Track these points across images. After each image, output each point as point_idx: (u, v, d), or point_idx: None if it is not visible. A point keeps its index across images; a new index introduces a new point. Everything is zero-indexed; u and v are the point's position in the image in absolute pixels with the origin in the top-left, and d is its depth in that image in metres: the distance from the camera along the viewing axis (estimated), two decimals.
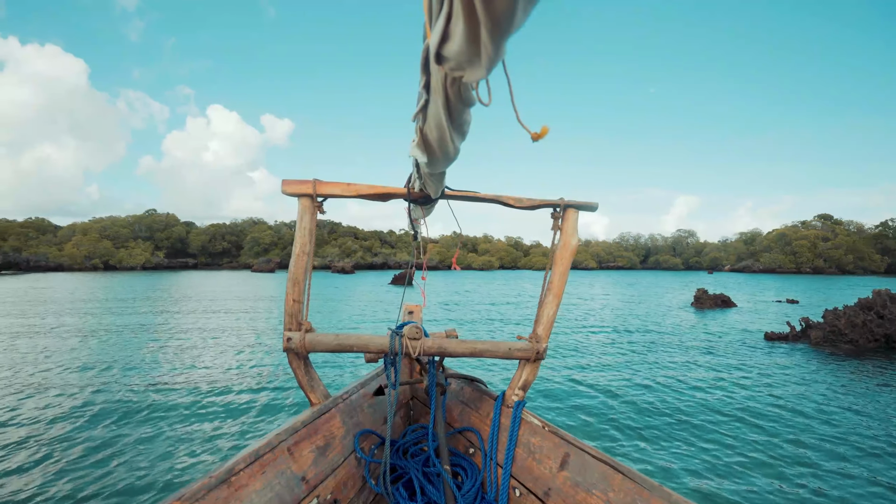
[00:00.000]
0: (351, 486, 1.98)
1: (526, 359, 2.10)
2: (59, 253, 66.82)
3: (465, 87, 0.78)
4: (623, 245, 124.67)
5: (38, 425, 5.17)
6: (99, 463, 4.26)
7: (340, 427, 2.07)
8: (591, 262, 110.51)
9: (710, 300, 20.34)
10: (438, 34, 0.57)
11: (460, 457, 2.20)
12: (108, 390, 6.52)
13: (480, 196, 2.03)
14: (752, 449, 4.78)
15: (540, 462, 1.90)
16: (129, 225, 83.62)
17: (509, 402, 2.15)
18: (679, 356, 9.47)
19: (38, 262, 61.05)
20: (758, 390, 6.94)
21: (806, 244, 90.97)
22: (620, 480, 1.59)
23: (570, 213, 2.07)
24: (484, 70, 0.58)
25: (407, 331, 2.02)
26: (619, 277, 58.61)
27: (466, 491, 1.97)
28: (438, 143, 1.03)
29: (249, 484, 1.49)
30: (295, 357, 2.01)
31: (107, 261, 70.55)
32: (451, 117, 0.88)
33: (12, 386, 6.72)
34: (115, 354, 8.94)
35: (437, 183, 1.63)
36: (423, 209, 2.18)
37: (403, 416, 2.68)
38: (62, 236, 77.70)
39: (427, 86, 0.84)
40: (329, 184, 1.92)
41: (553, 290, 2.08)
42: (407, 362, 2.78)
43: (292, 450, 1.75)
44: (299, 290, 1.96)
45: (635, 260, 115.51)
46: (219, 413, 5.62)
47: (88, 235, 75.21)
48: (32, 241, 72.23)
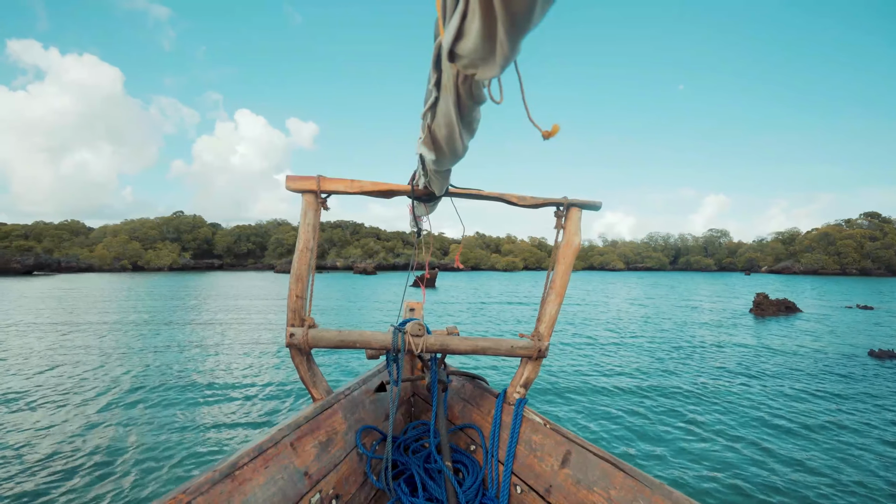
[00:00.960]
0: (353, 481, 1.97)
1: (528, 356, 2.10)
2: (90, 254, 68.56)
3: (476, 84, 0.77)
4: (652, 245, 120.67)
5: (35, 421, 5.31)
6: (104, 456, 4.32)
7: (342, 423, 2.07)
8: (619, 262, 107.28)
9: (773, 306, 18.16)
10: (453, 32, 0.57)
11: (462, 453, 2.20)
12: (115, 386, 6.71)
13: (484, 194, 2.01)
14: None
15: (541, 459, 1.89)
16: (157, 227, 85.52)
17: (511, 400, 2.14)
18: (777, 383, 7.69)
19: (69, 263, 62.65)
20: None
21: (852, 244, 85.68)
22: (622, 478, 1.57)
23: (573, 211, 2.05)
24: (498, 68, 0.58)
25: (409, 327, 2.02)
26: (651, 279, 55.93)
27: (468, 487, 1.96)
28: (447, 140, 1.02)
29: (253, 478, 1.49)
30: (297, 353, 2.01)
31: (135, 262, 72.20)
32: (462, 114, 0.88)
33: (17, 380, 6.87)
34: (123, 352, 9.05)
35: (442, 180, 1.61)
36: (427, 206, 2.15)
37: (405, 412, 2.68)
38: (94, 238, 80.00)
39: (438, 83, 0.83)
40: (332, 180, 1.91)
41: (556, 288, 2.07)
42: (408, 359, 2.77)
43: (295, 445, 1.75)
44: (302, 287, 1.95)
45: (664, 261, 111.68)
46: (223, 407, 5.71)
47: (118, 237, 77.19)
48: (66, 243, 74.49)
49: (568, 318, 15.63)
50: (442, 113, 0.92)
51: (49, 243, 72.03)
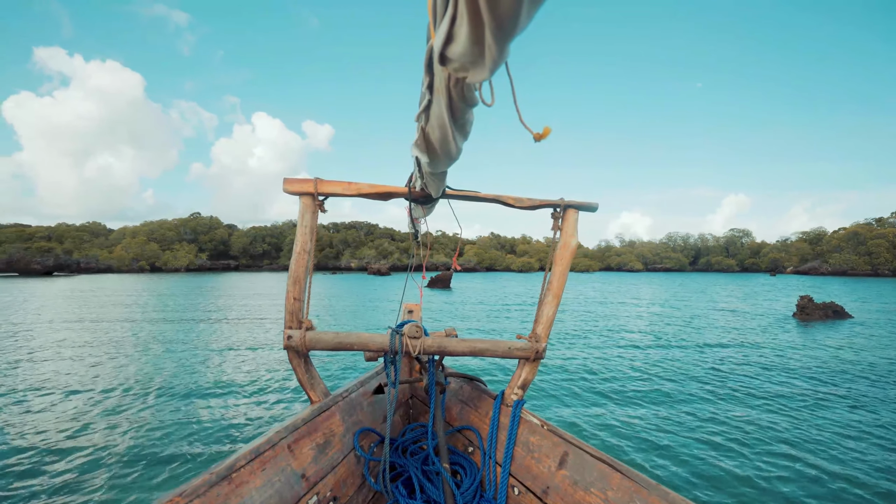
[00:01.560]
0: (350, 483, 1.95)
1: (525, 358, 2.09)
2: (109, 255, 69.50)
3: (468, 87, 0.78)
4: (670, 246, 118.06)
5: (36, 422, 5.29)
6: (98, 453, 4.24)
7: (340, 425, 2.05)
8: (637, 263, 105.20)
9: (819, 310, 16.86)
10: (443, 36, 0.57)
11: (459, 455, 2.18)
12: (115, 386, 6.69)
13: (481, 196, 2.00)
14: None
15: (539, 461, 1.87)
16: (174, 228, 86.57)
17: (508, 401, 2.13)
18: (852, 408, 6.65)
19: (88, 264, 63.63)
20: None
21: (884, 244, 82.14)
22: (619, 479, 1.56)
23: (570, 213, 2.04)
24: (487, 71, 0.59)
25: (407, 329, 2.01)
26: (674, 280, 54.25)
27: (465, 489, 1.94)
28: (441, 142, 1.02)
29: (250, 481, 1.48)
30: (295, 355, 1.99)
31: (153, 263, 72.95)
32: (454, 117, 0.88)
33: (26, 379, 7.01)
34: (129, 352, 9.16)
35: (438, 182, 1.61)
36: (424, 209, 2.14)
37: (403, 414, 2.65)
38: (113, 239, 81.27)
39: (430, 86, 0.84)
40: (330, 182, 1.91)
41: (553, 290, 2.06)
42: (406, 361, 2.74)
43: (292, 447, 1.73)
44: (300, 289, 1.94)
45: (684, 261, 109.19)
46: (220, 409, 5.60)
47: (137, 238, 78.21)
48: (86, 244, 75.70)
49: (598, 320, 14.65)
50: (435, 115, 0.92)
51: (70, 245, 73.31)
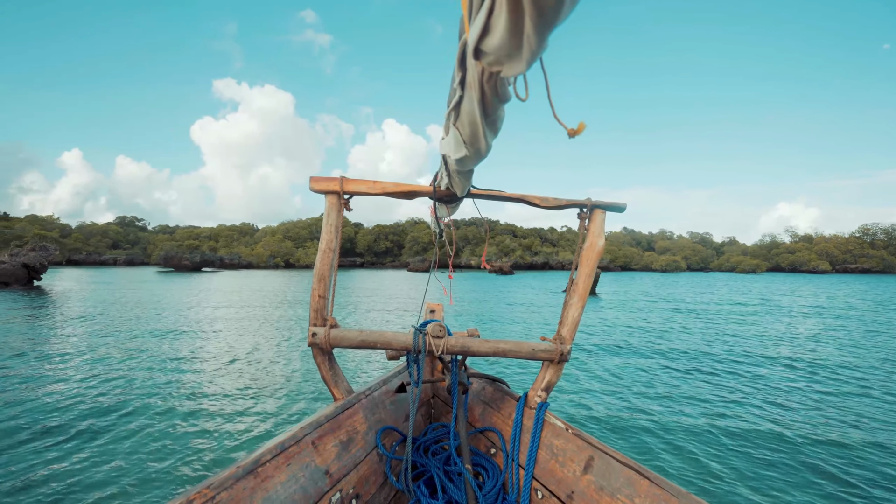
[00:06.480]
0: (373, 481, 1.93)
1: (549, 360, 2.03)
2: (250, 252, 75.02)
3: (501, 82, 0.76)
4: (867, 241, 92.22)
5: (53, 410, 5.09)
6: (131, 447, 4.14)
7: (363, 423, 2.04)
8: (822, 262, 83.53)
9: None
10: (479, 28, 0.56)
11: (482, 456, 2.15)
12: (143, 379, 6.38)
13: (506, 195, 1.96)
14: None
15: (563, 465, 1.83)
16: (307, 227, 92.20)
17: (532, 404, 2.09)
18: None
19: (231, 260, 69.12)
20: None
21: None
22: (647, 486, 1.51)
23: (596, 213, 1.98)
24: (524, 64, 0.57)
25: (430, 329, 1.99)
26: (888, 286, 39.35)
27: (488, 491, 1.90)
28: (471, 139, 1.01)
29: (275, 475, 1.49)
30: (319, 352, 1.99)
31: (287, 259, 77.26)
32: (486, 113, 0.87)
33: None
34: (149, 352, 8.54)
35: (464, 181, 1.59)
36: (449, 208, 2.13)
37: (425, 413, 2.63)
38: (257, 238, 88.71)
39: (462, 82, 0.83)
40: (355, 181, 1.91)
41: (578, 291, 2.00)
42: (429, 361, 2.72)
43: (316, 443, 1.73)
44: (324, 286, 1.93)
45: (890, 260, 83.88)
46: (247, 405, 5.41)
47: (275, 237, 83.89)
48: (235, 242, 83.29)
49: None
50: (466, 112, 0.90)
51: (223, 242, 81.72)
